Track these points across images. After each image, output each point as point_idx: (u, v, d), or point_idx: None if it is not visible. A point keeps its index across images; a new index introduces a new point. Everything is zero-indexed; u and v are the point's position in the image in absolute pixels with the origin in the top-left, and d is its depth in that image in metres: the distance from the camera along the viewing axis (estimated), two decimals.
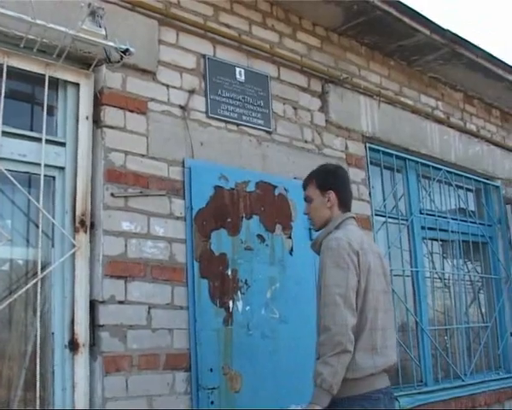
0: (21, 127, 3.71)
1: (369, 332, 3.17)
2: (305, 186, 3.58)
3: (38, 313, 3.50)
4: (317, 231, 3.56)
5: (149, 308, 3.85)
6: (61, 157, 3.81)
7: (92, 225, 3.78)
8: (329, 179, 3.49)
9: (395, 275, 5.73)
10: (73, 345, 3.63)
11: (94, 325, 3.67)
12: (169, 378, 3.87)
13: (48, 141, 3.73)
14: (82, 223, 3.75)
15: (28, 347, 3.64)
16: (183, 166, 4.16)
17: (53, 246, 3.73)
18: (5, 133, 3.55)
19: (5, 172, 3.48)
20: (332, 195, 3.42)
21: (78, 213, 3.75)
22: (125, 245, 3.81)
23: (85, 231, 3.76)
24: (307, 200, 3.55)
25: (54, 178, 3.79)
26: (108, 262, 3.73)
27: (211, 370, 4.00)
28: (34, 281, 3.54)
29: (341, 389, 3.05)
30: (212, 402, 3.97)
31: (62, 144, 3.84)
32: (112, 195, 3.81)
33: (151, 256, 3.91)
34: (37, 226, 3.64)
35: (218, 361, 4.06)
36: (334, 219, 3.40)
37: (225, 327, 4.13)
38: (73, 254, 3.70)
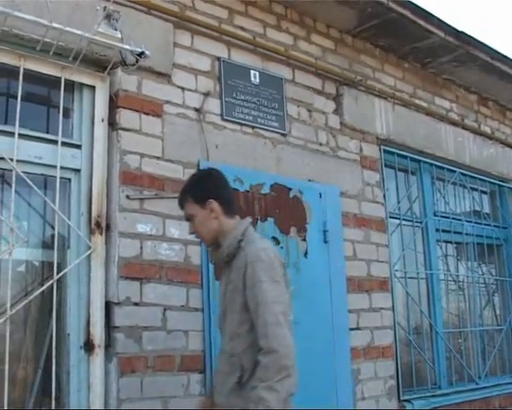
0: (38, 130, 3.74)
1: None
2: (181, 205, 3.19)
3: (54, 315, 3.51)
4: (209, 246, 3.24)
5: (164, 310, 3.87)
6: (76, 159, 3.83)
7: (108, 227, 3.80)
8: (205, 188, 3.12)
9: (409, 277, 5.73)
10: (89, 346, 3.65)
11: (109, 327, 3.69)
12: (184, 380, 3.88)
13: (64, 143, 3.74)
14: (98, 225, 3.77)
15: (44, 348, 3.67)
16: (199, 169, 4.15)
17: (69, 248, 3.75)
18: (22, 136, 3.58)
19: (22, 174, 3.50)
20: (213, 204, 3.07)
21: (93, 214, 3.77)
22: (141, 247, 3.83)
23: (101, 233, 3.77)
24: (188, 219, 3.17)
25: (70, 180, 3.82)
26: (124, 264, 3.75)
27: None
28: (50, 282, 3.55)
29: None
30: None
31: (78, 147, 3.86)
32: (127, 197, 3.83)
33: (166, 258, 3.93)
34: (53, 228, 3.67)
35: None
36: (236, 227, 3.07)
37: None
38: (89, 256, 3.71)
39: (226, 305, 3.03)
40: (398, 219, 5.77)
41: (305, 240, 4.62)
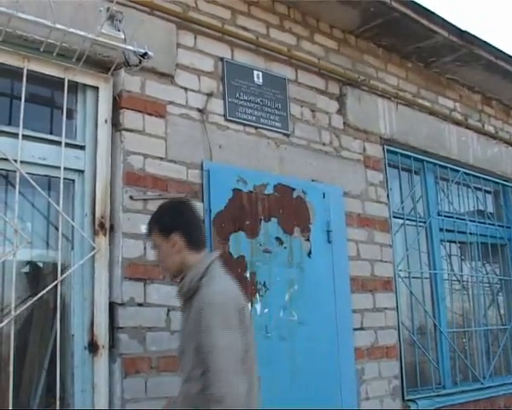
0: (41, 131, 3.74)
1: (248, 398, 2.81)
2: (149, 232, 3.15)
3: (58, 316, 3.51)
4: (173, 278, 3.16)
5: (168, 310, 3.86)
6: (80, 160, 3.83)
7: (111, 228, 3.80)
8: (170, 220, 3.06)
9: (413, 277, 5.72)
10: (93, 347, 3.65)
11: (113, 327, 3.69)
12: None
13: (67, 144, 3.75)
14: (101, 226, 3.77)
15: (48, 349, 3.67)
16: (202, 169, 4.18)
17: (73, 248, 3.75)
18: (25, 137, 3.57)
19: (25, 175, 3.50)
20: (176, 237, 3.01)
21: (97, 215, 3.77)
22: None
23: (105, 234, 3.78)
24: (154, 247, 3.16)
25: (73, 181, 3.82)
26: (128, 265, 3.75)
27: None
28: (54, 283, 3.54)
29: None
30: None
31: (82, 148, 3.86)
32: (131, 198, 3.83)
33: None
34: (57, 229, 3.65)
35: None
36: (199, 262, 2.99)
37: None
38: (93, 257, 3.71)
39: (183, 345, 2.97)
40: (402, 218, 5.77)
41: (308, 240, 4.62)
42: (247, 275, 4.23)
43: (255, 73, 4.67)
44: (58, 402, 3.44)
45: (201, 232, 3.15)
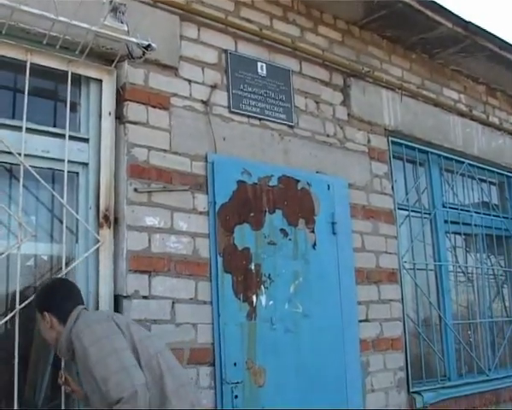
0: (45, 124, 3.74)
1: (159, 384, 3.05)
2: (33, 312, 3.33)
3: None
4: (59, 353, 3.25)
5: (173, 303, 3.86)
6: (84, 153, 3.83)
7: (116, 221, 3.80)
8: (41, 302, 3.22)
9: (418, 269, 5.71)
10: None
11: None
12: (193, 373, 3.87)
13: (71, 137, 3.75)
14: (106, 218, 3.77)
15: None
16: (206, 161, 4.17)
17: (77, 241, 3.75)
18: (29, 130, 3.58)
19: (29, 168, 3.51)
20: (47, 316, 3.15)
21: (101, 208, 3.77)
22: (149, 240, 3.82)
23: (109, 227, 3.78)
24: (37, 327, 3.35)
25: (77, 173, 3.82)
26: (132, 257, 3.74)
27: (235, 364, 4.00)
28: (62, 274, 3.55)
29: None
30: (235, 397, 3.97)
31: (85, 140, 3.86)
32: (135, 190, 3.82)
33: (175, 251, 3.92)
34: (61, 222, 3.67)
35: (242, 356, 4.06)
36: (67, 326, 3.11)
37: (249, 322, 4.13)
38: (97, 250, 3.72)
39: (89, 397, 3.06)
40: (407, 210, 5.75)
41: (313, 232, 4.60)
42: (252, 267, 4.22)
43: (259, 64, 4.65)
44: (63, 398, 3.45)
45: (70, 300, 3.23)
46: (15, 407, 3.29)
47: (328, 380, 4.46)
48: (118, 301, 3.72)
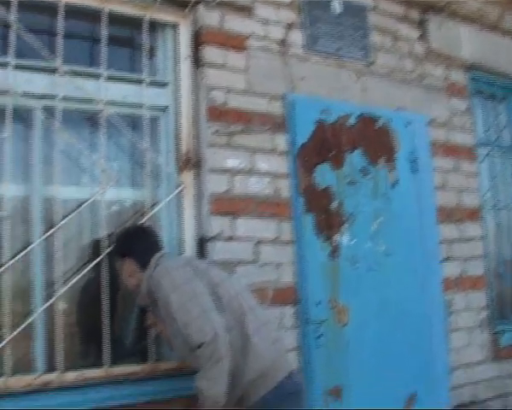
0: (124, 70, 3.78)
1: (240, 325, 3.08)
2: (111, 259, 3.42)
3: None
4: (140, 301, 3.28)
5: (256, 244, 3.88)
6: (163, 98, 3.85)
7: (197, 164, 3.82)
8: (122, 248, 3.29)
9: (500, 208, 5.58)
10: None
11: None
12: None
13: (150, 83, 3.78)
14: (187, 162, 3.80)
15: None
16: (285, 102, 4.13)
17: (159, 186, 3.80)
18: (108, 77, 3.63)
19: (110, 115, 3.57)
20: (128, 262, 3.21)
21: (182, 152, 3.80)
22: (231, 182, 3.84)
23: (190, 170, 3.81)
24: (117, 274, 3.36)
25: (157, 118, 3.85)
26: (214, 199, 3.77)
27: (318, 303, 4.02)
28: (142, 221, 3.62)
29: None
30: (319, 336, 3.99)
31: (164, 85, 3.88)
32: (215, 132, 3.82)
33: (256, 192, 3.93)
34: (143, 167, 3.72)
35: (325, 295, 4.07)
36: (146, 273, 3.14)
37: (331, 261, 4.13)
38: (180, 194, 3.77)
39: (172, 340, 3.12)
40: (488, 147, 5.60)
41: (393, 170, 4.53)
42: (333, 206, 4.19)
43: (334, 2, 4.55)
44: (151, 338, 3.55)
45: (152, 249, 3.24)
46: (105, 349, 3.40)
47: (411, 319, 4.43)
48: (202, 244, 3.76)
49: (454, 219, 5.00)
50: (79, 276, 3.45)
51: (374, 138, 4.47)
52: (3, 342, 3.14)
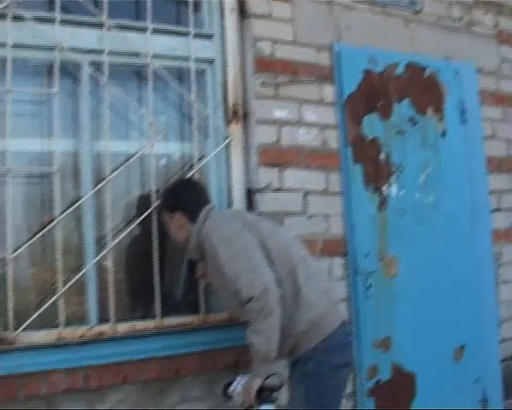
0: (170, 23, 3.75)
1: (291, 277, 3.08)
2: (159, 214, 3.41)
3: None
4: (189, 255, 3.29)
5: (305, 195, 3.87)
6: (209, 50, 3.82)
7: (245, 116, 3.80)
8: (171, 200, 3.28)
9: None
10: None
11: None
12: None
13: (196, 35, 3.74)
14: (234, 114, 3.77)
15: None
16: (331, 51, 4.07)
17: (207, 139, 3.79)
18: (155, 30, 3.60)
19: (157, 68, 3.55)
20: (178, 215, 3.18)
21: (230, 104, 3.78)
22: (278, 133, 3.81)
23: (238, 122, 3.78)
24: (165, 228, 3.33)
25: (204, 71, 3.82)
26: (262, 151, 3.75)
27: (367, 255, 4.01)
28: (190, 174, 3.62)
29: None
30: (368, 287, 3.99)
31: (210, 37, 3.83)
32: (262, 84, 3.79)
33: (304, 143, 3.90)
34: (191, 121, 3.71)
35: (374, 246, 4.05)
36: (196, 226, 3.12)
37: (380, 212, 4.10)
38: (227, 146, 3.75)
39: (221, 292, 3.19)
40: None
41: (442, 120, 4.45)
42: (382, 157, 4.15)
43: None
44: (202, 290, 3.58)
45: (201, 203, 3.22)
46: (156, 301, 3.43)
47: (460, 270, 4.38)
48: (250, 196, 3.75)
49: (504, 169, 4.89)
50: (129, 230, 3.46)
51: (422, 88, 4.39)
52: (56, 296, 3.19)
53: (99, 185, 3.39)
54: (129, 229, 3.46)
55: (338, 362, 2.98)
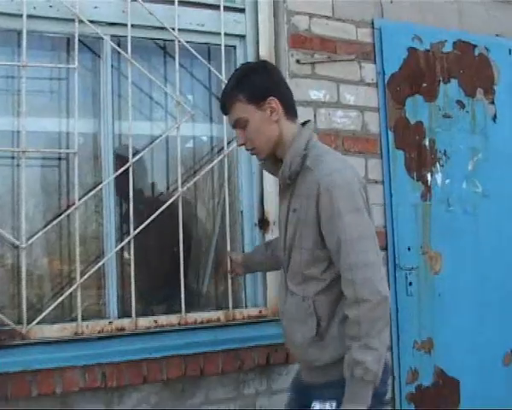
0: None
1: None
2: (227, 108, 2.49)
3: (226, 192, 3.40)
4: (264, 160, 2.59)
5: None
6: (241, 24, 3.60)
7: None
8: (263, 83, 2.44)
9: None
10: (263, 223, 3.51)
11: None
12: None
13: (226, 8, 3.53)
14: None
15: (215, 226, 3.60)
16: (373, 28, 3.85)
17: None
18: (182, 2, 3.39)
19: (185, 43, 3.35)
20: (274, 102, 2.40)
21: None
22: (314, 115, 3.61)
23: None
24: (238, 125, 2.47)
25: (234, 47, 3.62)
26: None
27: (409, 249, 3.80)
28: (220, 157, 3.45)
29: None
30: (410, 283, 3.79)
31: (241, 11, 3.61)
32: (297, 62, 3.58)
33: (342, 126, 3.70)
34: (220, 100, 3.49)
35: (417, 240, 3.84)
36: (296, 136, 2.42)
37: (423, 202, 3.89)
38: None
39: (290, 240, 2.44)
40: None
41: (493, 103, 4.17)
42: (426, 143, 3.92)
43: None
44: (230, 282, 3.39)
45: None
46: (180, 296, 3.25)
47: (509, 267, 4.11)
48: None
49: None
50: (152, 217, 3.24)
51: (471, 67, 4.14)
52: (73, 287, 3.03)
53: (121, 169, 3.20)
54: (152, 216, 3.23)
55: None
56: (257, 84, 2.43)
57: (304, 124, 2.54)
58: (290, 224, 2.43)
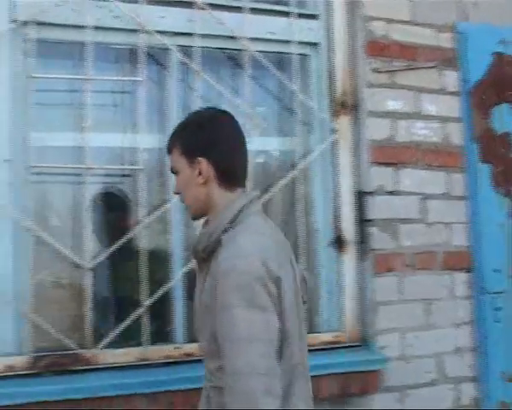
0: (269, 2, 3.42)
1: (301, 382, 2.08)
2: (169, 149, 2.23)
3: (300, 209, 3.27)
4: (193, 219, 2.30)
5: (423, 199, 3.47)
6: (314, 32, 3.46)
7: (354, 107, 3.43)
8: (197, 140, 2.13)
9: None
10: (339, 243, 3.36)
11: (361, 220, 3.37)
12: (447, 280, 3.49)
13: (298, 15, 3.40)
14: (342, 104, 3.41)
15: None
16: (455, 32, 3.65)
17: (311, 133, 3.46)
18: (252, 10, 3.29)
19: (255, 53, 3.24)
20: (203, 164, 2.09)
21: (337, 93, 3.42)
22: (393, 127, 3.43)
23: (347, 114, 3.42)
24: (173, 171, 2.23)
25: (307, 56, 3.48)
26: (374, 147, 3.38)
27: (496, 271, 3.56)
28: (292, 173, 3.30)
29: None
30: (497, 308, 3.55)
31: (315, 17, 3.47)
32: (375, 70, 3.41)
33: (423, 139, 3.50)
34: (293, 113, 3.41)
35: (505, 261, 3.59)
36: (228, 206, 2.08)
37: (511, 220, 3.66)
38: (335, 141, 3.40)
39: (199, 323, 2.16)
40: None
41: None
42: None
43: None
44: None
45: (240, 163, 2.19)
46: None
47: None
48: (360, 199, 3.38)
49: None
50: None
51: None
52: (140, 310, 2.92)
53: None
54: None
55: None
56: (191, 140, 2.17)
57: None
58: (200, 303, 2.11)
